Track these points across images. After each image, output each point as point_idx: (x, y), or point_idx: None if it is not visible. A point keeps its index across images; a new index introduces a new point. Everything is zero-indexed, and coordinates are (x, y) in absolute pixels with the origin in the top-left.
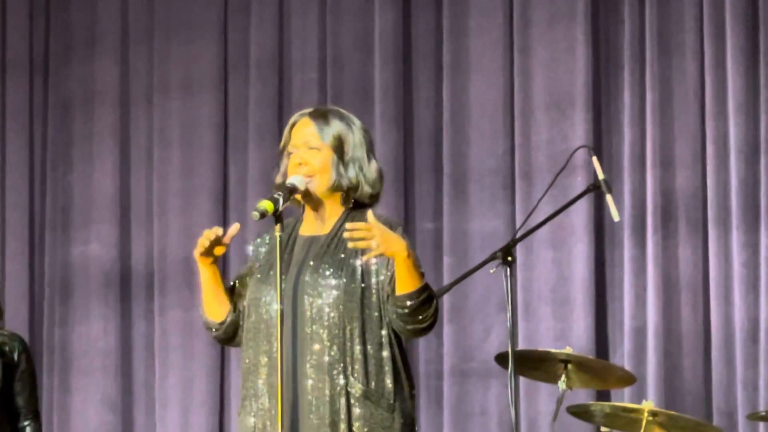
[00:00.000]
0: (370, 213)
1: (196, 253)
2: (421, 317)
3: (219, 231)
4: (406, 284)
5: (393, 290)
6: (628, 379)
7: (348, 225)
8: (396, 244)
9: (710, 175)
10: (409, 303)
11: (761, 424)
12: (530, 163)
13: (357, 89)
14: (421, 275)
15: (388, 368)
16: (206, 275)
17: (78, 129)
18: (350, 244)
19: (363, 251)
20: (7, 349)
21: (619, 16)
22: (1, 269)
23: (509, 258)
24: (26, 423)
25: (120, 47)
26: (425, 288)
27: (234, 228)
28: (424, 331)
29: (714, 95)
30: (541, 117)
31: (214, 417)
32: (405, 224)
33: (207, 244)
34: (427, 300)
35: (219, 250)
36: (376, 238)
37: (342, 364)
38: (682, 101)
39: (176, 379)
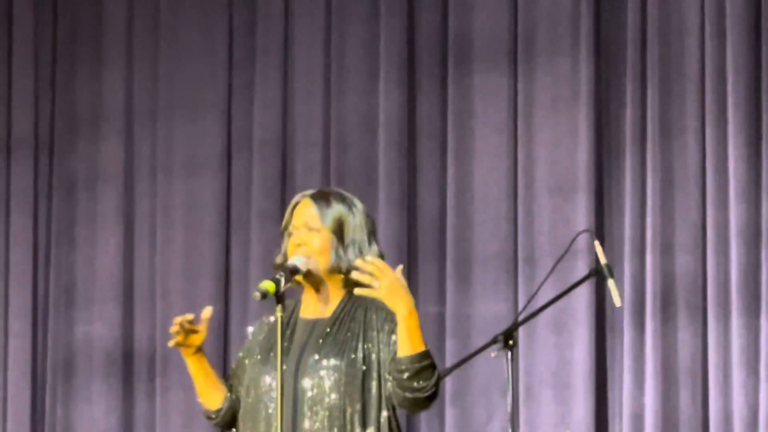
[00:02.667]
0: (398, 268)
1: (171, 344)
2: (420, 384)
3: (189, 317)
4: (406, 346)
5: (393, 358)
6: None
7: (368, 258)
8: (401, 298)
9: (710, 260)
10: (410, 367)
11: None
12: (533, 247)
13: (361, 171)
14: (424, 342)
15: None
16: (192, 366)
17: (82, 208)
18: (354, 274)
19: (365, 333)
20: None
21: (622, 100)
22: (4, 347)
23: (510, 342)
24: None
25: (125, 127)
26: (426, 354)
27: (206, 311)
28: (425, 402)
29: (715, 180)
30: (543, 201)
31: None
32: None
33: (178, 331)
34: (427, 367)
35: (197, 339)
36: (384, 282)
37: None
38: (683, 185)
39: None
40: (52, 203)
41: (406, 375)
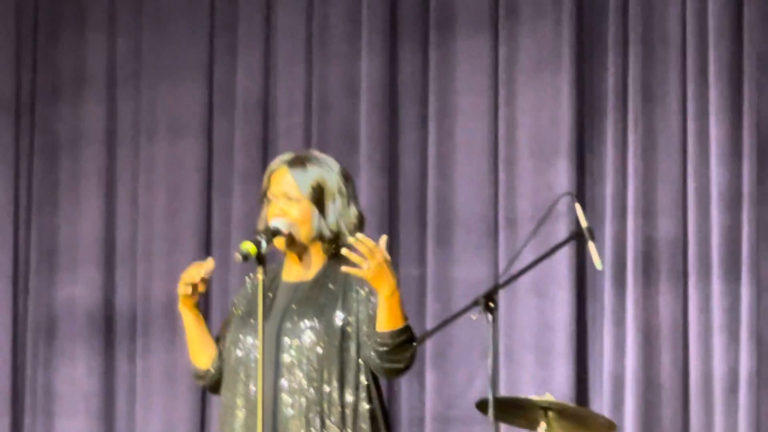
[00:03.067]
0: (382, 239)
1: (184, 291)
2: (398, 357)
3: (209, 266)
4: (388, 322)
5: (373, 328)
6: (608, 426)
7: (360, 236)
8: (386, 279)
9: (691, 223)
10: (389, 341)
11: None
12: (514, 210)
13: (343, 134)
14: (405, 317)
15: (364, 414)
16: (190, 319)
17: (64, 171)
18: (344, 251)
19: (345, 295)
20: None
21: (603, 64)
22: None
23: (491, 304)
24: None
25: (107, 89)
26: (405, 329)
27: (210, 264)
28: (400, 372)
29: (696, 143)
30: (525, 164)
31: None
32: None
33: (196, 279)
34: (407, 341)
35: (201, 287)
36: (372, 264)
37: (319, 408)
38: (665, 149)
39: (158, 421)
40: (33, 166)
41: (384, 349)
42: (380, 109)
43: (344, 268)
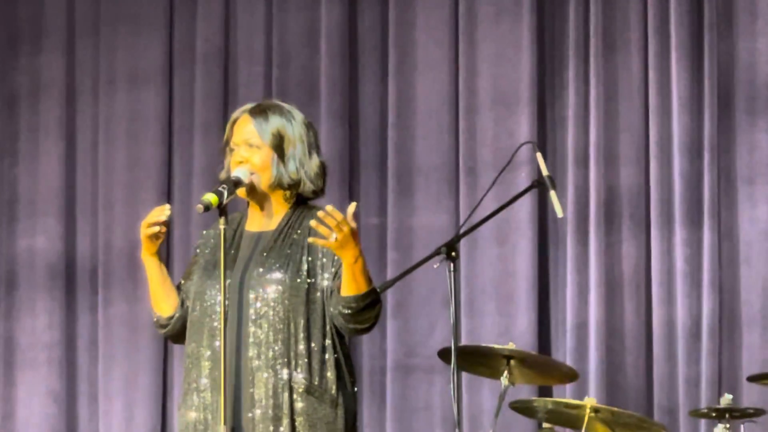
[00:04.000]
0: (351, 207)
1: (148, 231)
2: (362, 318)
3: (167, 210)
4: (352, 287)
5: (338, 288)
6: (570, 375)
7: (329, 209)
8: (349, 249)
9: (653, 172)
10: (353, 305)
11: (702, 421)
12: (475, 159)
13: (303, 84)
14: (369, 280)
15: (330, 364)
16: (153, 267)
17: (24, 122)
18: (312, 222)
19: (309, 246)
20: None
21: (564, 13)
22: None
23: (453, 253)
24: None
25: (66, 40)
26: (371, 293)
27: (167, 209)
28: (364, 331)
29: (658, 92)
30: (486, 113)
31: (157, 410)
32: None
33: (161, 219)
34: (371, 304)
35: (162, 230)
36: (339, 237)
37: (286, 359)
38: (626, 98)
39: (120, 372)
40: None
41: (349, 312)
42: (340, 58)
43: (311, 239)
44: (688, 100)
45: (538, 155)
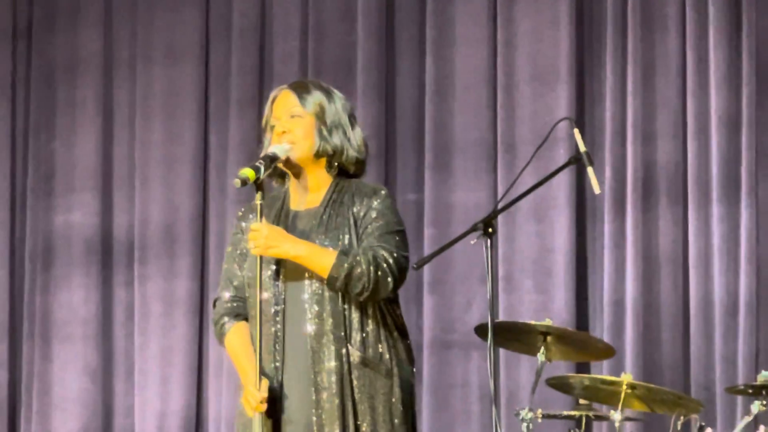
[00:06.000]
0: (260, 223)
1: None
2: (357, 292)
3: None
4: (317, 273)
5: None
6: (607, 351)
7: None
8: (277, 249)
9: (691, 148)
10: (334, 286)
11: (739, 398)
12: (513, 136)
13: (339, 60)
14: (325, 270)
15: (384, 336)
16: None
17: (61, 97)
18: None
19: (354, 218)
20: None
21: None
22: None
23: (490, 229)
24: None
25: (103, 15)
26: (332, 280)
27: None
28: (375, 294)
29: (695, 68)
30: (524, 89)
31: (192, 385)
32: None
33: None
34: (345, 281)
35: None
36: (258, 242)
37: (342, 333)
38: (664, 74)
39: (155, 347)
40: (30, 92)
41: (338, 290)
42: (377, 34)
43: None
44: (725, 75)
45: (576, 131)
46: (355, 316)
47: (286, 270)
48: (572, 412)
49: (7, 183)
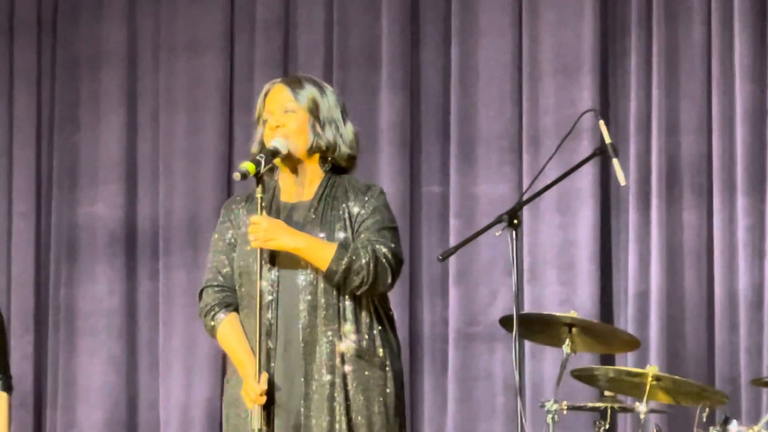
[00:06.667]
0: (257, 217)
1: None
2: (355, 286)
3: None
4: (320, 266)
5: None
6: (632, 343)
7: (253, 218)
8: (278, 242)
9: (716, 140)
10: (332, 280)
11: (764, 390)
12: (537, 128)
13: (363, 52)
14: (324, 262)
15: (378, 328)
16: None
17: (85, 89)
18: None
19: (349, 214)
20: None
21: None
22: (7, 229)
23: (515, 221)
24: None
25: (127, 7)
26: (331, 273)
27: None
28: (373, 288)
29: (720, 59)
30: (548, 81)
31: (216, 377)
32: (411, 187)
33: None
34: (344, 274)
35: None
36: (258, 235)
37: (336, 325)
38: (688, 65)
39: (180, 339)
40: (55, 84)
41: (338, 284)
42: (401, 25)
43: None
44: (750, 67)
45: (601, 123)
46: (349, 308)
47: (280, 260)
48: (597, 404)
49: (32, 175)
